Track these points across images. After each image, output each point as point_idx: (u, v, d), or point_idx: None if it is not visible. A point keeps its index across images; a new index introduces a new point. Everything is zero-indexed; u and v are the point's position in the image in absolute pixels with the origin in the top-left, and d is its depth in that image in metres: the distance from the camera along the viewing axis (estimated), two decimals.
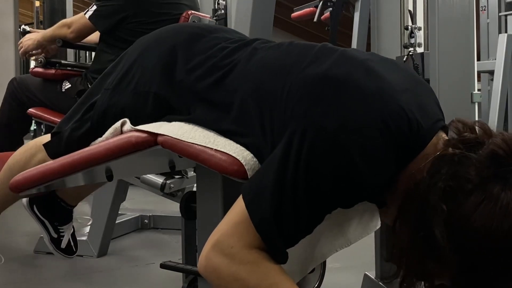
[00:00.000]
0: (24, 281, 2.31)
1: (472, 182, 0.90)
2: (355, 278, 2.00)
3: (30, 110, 2.38)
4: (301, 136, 0.96)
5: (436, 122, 1.02)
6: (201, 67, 1.22)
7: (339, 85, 0.99)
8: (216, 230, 0.99)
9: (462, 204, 0.89)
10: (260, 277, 0.96)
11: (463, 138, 0.95)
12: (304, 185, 0.94)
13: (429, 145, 0.98)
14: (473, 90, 1.96)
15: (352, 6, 5.12)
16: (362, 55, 1.09)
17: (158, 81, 1.25)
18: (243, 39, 1.29)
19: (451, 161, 0.92)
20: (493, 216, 0.87)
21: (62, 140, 1.37)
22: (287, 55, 1.14)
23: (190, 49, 1.26)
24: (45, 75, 2.44)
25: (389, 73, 1.04)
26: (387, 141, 0.95)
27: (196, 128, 1.16)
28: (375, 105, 0.96)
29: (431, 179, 0.92)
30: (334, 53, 1.09)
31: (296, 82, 1.03)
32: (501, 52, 4.04)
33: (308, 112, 0.97)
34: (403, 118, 0.96)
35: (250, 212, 0.96)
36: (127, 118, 1.25)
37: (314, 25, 5.22)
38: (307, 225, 0.98)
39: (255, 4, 2.35)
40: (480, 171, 0.90)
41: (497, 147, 0.91)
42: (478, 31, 5.34)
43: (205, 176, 1.22)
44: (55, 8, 5.25)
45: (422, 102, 1.02)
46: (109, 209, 2.65)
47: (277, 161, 0.97)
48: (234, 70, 1.18)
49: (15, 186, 1.38)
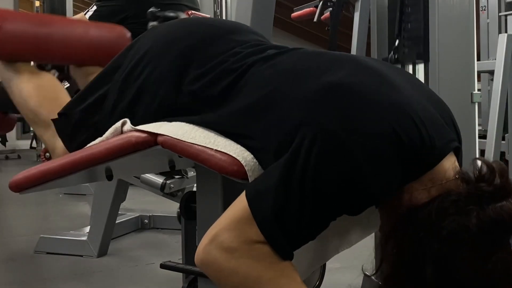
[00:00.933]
0: (24, 281, 2.31)
1: (471, 235, 0.91)
2: (355, 278, 2.00)
3: None
4: (311, 140, 0.95)
5: (449, 142, 1.01)
6: (212, 72, 1.19)
7: (354, 94, 0.98)
8: (214, 225, 0.99)
9: (456, 252, 0.92)
10: (262, 270, 0.95)
11: (479, 188, 0.94)
12: (311, 187, 0.94)
13: (439, 168, 0.97)
14: (473, 90, 1.96)
15: (352, 6, 5.12)
16: (380, 66, 1.08)
17: (166, 83, 1.23)
18: (259, 44, 1.25)
19: (459, 207, 0.93)
20: (476, 274, 0.91)
21: (69, 124, 1.36)
22: (302, 62, 1.12)
23: (205, 53, 1.23)
24: None
25: (406, 86, 1.03)
26: (397, 152, 0.94)
27: (197, 128, 1.15)
28: (389, 116, 0.95)
29: (436, 219, 0.93)
30: (351, 61, 1.08)
31: (309, 89, 1.02)
32: (501, 52, 4.03)
33: (320, 118, 0.97)
34: (416, 132, 0.95)
35: (253, 209, 0.96)
36: (132, 114, 1.24)
37: (314, 25, 5.22)
38: (310, 228, 0.97)
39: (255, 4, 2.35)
40: (483, 230, 0.91)
41: (506, 214, 0.92)
42: (478, 31, 5.35)
43: (205, 176, 1.22)
44: (55, 8, 5.25)
45: (438, 120, 1.01)
46: (109, 209, 2.65)
47: (284, 163, 0.96)
48: (245, 76, 1.15)
49: (15, 185, 1.38)
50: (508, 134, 4.28)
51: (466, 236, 0.91)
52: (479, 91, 2.02)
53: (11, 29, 1.50)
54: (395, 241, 0.98)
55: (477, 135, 2.01)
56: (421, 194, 0.97)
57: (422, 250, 0.94)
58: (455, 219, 0.92)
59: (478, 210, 0.92)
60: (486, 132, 4.09)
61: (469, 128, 1.86)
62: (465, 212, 0.92)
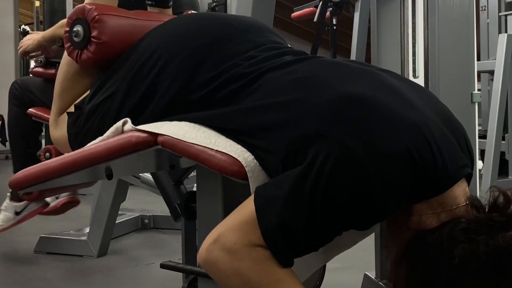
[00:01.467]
0: (24, 281, 2.31)
1: (481, 264, 0.92)
2: (355, 278, 2.00)
3: (29, 110, 2.37)
4: (326, 154, 0.94)
5: (462, 168, 1.01)
6: (222, 76, 1.17)
7: (372, 109, 0.97)
8: (219, 225, 0.99)
9: (466, 278, 0.93)
10: (262, 274, 0.95)
11: (490, 219, 0.95)
12: (321, 201, 0.93)
13: (450, 193, 0.98)
14: (473, 90, 1.96)
15: (352, 6, 5.13)
16: (397, 82, 1.08)
17: (176, 84, 1.22)
18: (276, 48, 1.24)
19: (469, 234, 0.94)
20: None
21: (82, 116, 1.37)
22: (321, 71, 1.11)
23: (216, 54, 1.22)
24: (45, 75, 2.43)
25: (423, 104, 1.03)
26: (410, 172, 0.94)
27: (198, 128, 1.15)
28: (405, 135, 0.95)
29: (448, 247, 0.94)
30: (370, 76, 1.08)
31: (328, 99, 1.01)
32: (501, 52, 4.04)
33: (337, 132, 0.96)
34: (430, 155, 0.95)
35: (259, 216, 0.95)
36: (140, 113, 1.24)
37: (314, 25, 5.22)
38: (314, 241, 0.97)
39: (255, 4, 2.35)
40: (492, 259, 0.92)
41: None
42: (478, 31, 5.35)
43: (205, 176, 1.22)
44: (55, 8, 5.24)
45: (452, 143, 1.01)
46: (109, 209, 2.65)
47: (297, 174, 0.95)
48: (259, 80, 1.13)
49: (14, 184, 1.37)
50: (508, 134, 4.28)
51: (475, 264, 0.92)
52: (479, 91, 2.02)
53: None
54: (406, 265, 0.99)
55: (477, 135, 2.02)
56: (431, 219, 0.98)
57: (433, 275, 0.95)
58: (465, 248, 0.93)
59: (488, 238, 0.93)
60: (486, 132, 4.09)
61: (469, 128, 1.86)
62: (475, 240, 0.93)
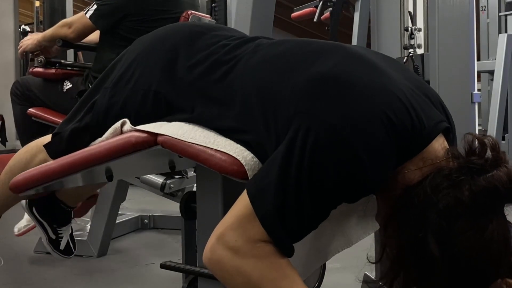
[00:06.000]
0: (24, 281, 2.31)
1: (465, 207, 0.92)
2: (355, 278, 2.00)
3: (30, 110, 2.38)
4: (305, 131, 0.96)
5: (439, 123, 1.02)
6: (202, 64, 1.22)
7: (344, 83, 0.99)
8: (221, 223, 1.00)
9: (454, 224, 0.93)
10: (263, 271, 0.96)
11: (469, 162, 0.95)
12: (308, 180, 0.94)
13: (429, 148, 0.99)
14: (473, 90, 1.96)
15: (352, 6, 5.13)
16: (367, 53, 1.10)
17: (158, 79, 1.25)
18: (244, 37, 1.29)
19: (451, 180, 0.94)
20: (476, 245, 0.92)
21: (62, 140, 1.37)
22: (291, 52, 1.14)
23: (191, 47, 1.26)
24: (45, 75, 2.44)
25: (394, 71, 1.05)
26: (390, 136, 0.95)
27: (197, 128, 1.15)
28: (380, 101, 0.97)
29: (432, 195, 0.94)
30: (339, 50, 1.09)
31: (301, 80, 1.03)
32: (501, 52, 4.04)
33: (313, 108, 0.98)
34: (406, 115, 0.97)
35: (255, 206, 0.96)
36: (127, 117, 1.25)
37: (314, 25, 5.22)
38: (311, 220, 0.98)
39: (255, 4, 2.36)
40: (476, 200, 0.92)
41: (498, 182, 0.92)
42: (478, 31, 5.35)
43: (205, 176, 1.22)
44: (55, 8, 5.24)
45: (426, 102, 1.03)
46: (109, 209, 2.65)
47: (281, 157, 0.97)
48: (236, 67, 1.17)
49: (15, 186, 1.38)
50: (508, 134, 4.28)
51: (461, 209, 0.92)
52: (479, 91, 2.02)
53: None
54: (395, 222, 0.99)
55: None
56: (414, 174, 0.98)
57: (422, 226, 0.94)
58: (449, 193, 0.93)
59: (470, 182, 0.93)
60: (486, 132, 4.10)
61: (469, 128, 1.86)
62: (457, 184, 0.93)
